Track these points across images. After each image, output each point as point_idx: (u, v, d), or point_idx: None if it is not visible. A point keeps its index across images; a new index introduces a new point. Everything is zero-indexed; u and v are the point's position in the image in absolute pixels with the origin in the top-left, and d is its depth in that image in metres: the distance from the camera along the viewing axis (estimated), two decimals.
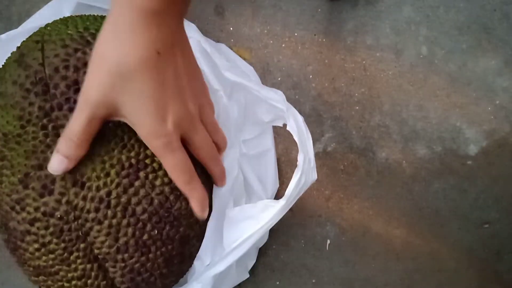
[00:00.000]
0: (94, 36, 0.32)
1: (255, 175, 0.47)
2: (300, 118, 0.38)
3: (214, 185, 0.37)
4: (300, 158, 0.36)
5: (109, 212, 0.30)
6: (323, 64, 0.55)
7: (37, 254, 0.30)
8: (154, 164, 0.31)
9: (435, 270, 0.55)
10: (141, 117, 0.27)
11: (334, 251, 0.54)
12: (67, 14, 0.36)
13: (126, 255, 0.31)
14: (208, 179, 0.36)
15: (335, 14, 0.55)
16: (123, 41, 0.25)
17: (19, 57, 0.31)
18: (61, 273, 0.31)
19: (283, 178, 0.54)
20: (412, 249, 0.55)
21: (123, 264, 0.31)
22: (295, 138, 0.37)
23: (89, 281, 0.31)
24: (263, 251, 0.53)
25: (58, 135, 0.30)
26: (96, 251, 0.31)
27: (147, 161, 0.31)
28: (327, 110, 0.55)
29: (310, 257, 0.54)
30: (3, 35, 0.36)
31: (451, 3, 0.56)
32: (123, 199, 0.30)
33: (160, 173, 0.31)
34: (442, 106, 0.55)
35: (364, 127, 0.55)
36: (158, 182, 0.31)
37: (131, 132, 0.30)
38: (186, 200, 0.33)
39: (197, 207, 0.32)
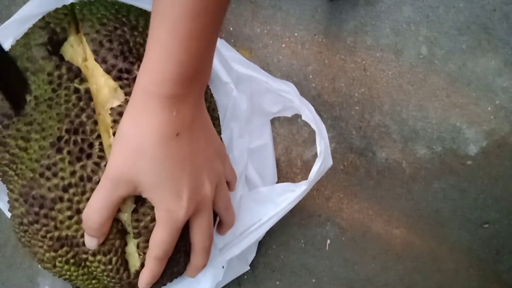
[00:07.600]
0: (127, 18, 0.32)
1: (254, 169, 0.47)
2: (313, 108, 0.39)
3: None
4: (320, 145, 0.37)
5: None
6: (323, 64, 0.55)
7: (67, 223, 0.29)
8: None
9: (435, 270, 0.55)
10: (159, 195, 0.28)
11: (334, 251, 0.54)
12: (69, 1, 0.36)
13: None
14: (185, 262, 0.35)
15: (335, 14, 0.55)
16: (144, 123, 0.27)
17: (45, 25, 0.30)
18: None
19: (283, 178, 0.54)
20: (412, 249, 0.55)
21: None
22: (313, 126, 0.38)
23: (114, 259, 0.30)
24: (263, 251, 0.53)
25: (91, 99, 0.30)
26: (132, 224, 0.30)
27: None
28: (327, 110, 0.55)
29: (310, 257, 0.54)
30: (3, 24, 0.36)
31: (451, 3, 0.56)
32: None
33: None
34: (442, 106, 0.55)
35: (364, 127, 0.55)
36: None
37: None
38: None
39: (142, 279, 0.31)
